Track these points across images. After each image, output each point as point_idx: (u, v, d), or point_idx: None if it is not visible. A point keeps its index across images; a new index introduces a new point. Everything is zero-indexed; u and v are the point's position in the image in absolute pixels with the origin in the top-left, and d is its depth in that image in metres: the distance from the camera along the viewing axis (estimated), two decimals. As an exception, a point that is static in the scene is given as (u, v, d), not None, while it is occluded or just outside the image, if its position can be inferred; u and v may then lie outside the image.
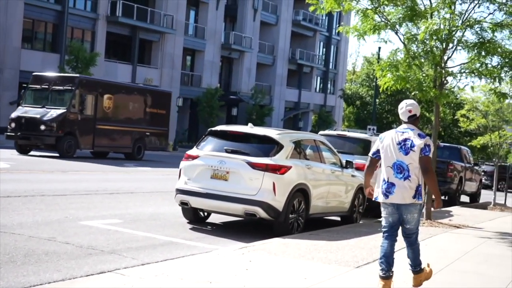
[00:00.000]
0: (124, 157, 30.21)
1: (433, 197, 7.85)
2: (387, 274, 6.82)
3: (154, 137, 31.68)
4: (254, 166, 10.61)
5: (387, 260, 6.88)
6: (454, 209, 19.50)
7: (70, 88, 26.31)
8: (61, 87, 26.54)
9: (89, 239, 9.09)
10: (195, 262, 7.99)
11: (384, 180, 7.01)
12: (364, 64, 61.15)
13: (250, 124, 12.08)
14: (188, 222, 11.75)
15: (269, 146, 11.07)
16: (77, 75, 30.36)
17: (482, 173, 31.99)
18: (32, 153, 26.69)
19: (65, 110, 25.62)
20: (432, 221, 14.05)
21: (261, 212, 10.55)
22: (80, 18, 44.58)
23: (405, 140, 6.95)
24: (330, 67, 76.58)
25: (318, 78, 75.67)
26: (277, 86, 66.75)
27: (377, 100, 48.57)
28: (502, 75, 13.67)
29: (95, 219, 11.02)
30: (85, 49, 41.39)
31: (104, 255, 8.22)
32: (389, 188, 6.93)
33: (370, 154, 7.46)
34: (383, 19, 13.62)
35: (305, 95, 72.20)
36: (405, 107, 7.15)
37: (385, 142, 7.14)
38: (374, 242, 10.62)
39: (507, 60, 13.29)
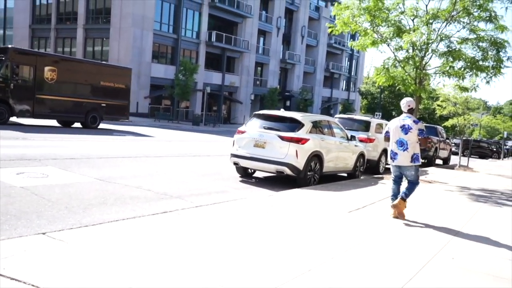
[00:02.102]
0: (81, 126, 22.22)
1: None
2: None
3: (111, 109, 23.07)
4: (283, 138, 9.78)
5: (395, 196, 7.42)
6: (430, 169, 18.11)
7: (1, 58, 18.95)
8: None
9: (166, 187, 8.41)
10: (233, 206, 7.21)
11: (391, 150, 7.46)
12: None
13: (282, 109, 11.24)
14: (240, 176, 11.00)
15: (294, 124, 10.16)
16: (10, 46, 22.20)
17: (453, 144, 30.42)
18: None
19: None
20: (411, 178, 12.84)
21: (287, 170, 9.74)
22: (189, 42, 44.19)
23: (404, 125, 7.26)
24: (352, 74, 74.33)
25: (344, 81, 73.53)
26: (317, 87, 65.21)
27: (382, 96, 46.76)
28: (465, 74, 12.25)
29: (175, 173, 10.39)
30: (191, 62, 41.01)
31: (172, 199, 7.53)
32: (394, 155, 7.38)
33: (384, 133, 7.91)
34: (379, 36, 12.38)
35: (335, 92, 70.47)
36: (406, 103, 7.44)
37: (391, 126, 7.51)
38: (367, 193, 9.64)
39: (468, 64, 11.90)
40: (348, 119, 15.24)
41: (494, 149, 42.55)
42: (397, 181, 7.52)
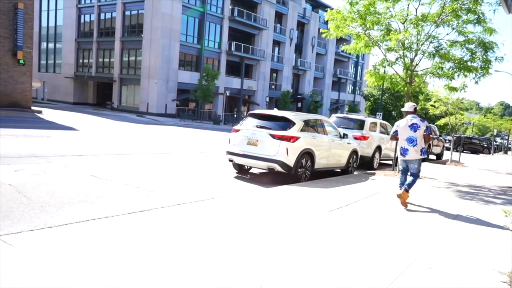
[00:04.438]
0: None
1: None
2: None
3: None
4: (274, 136, 8.75)
5: (403, 183, 7.41)
6: (423, 164, 16.69)
7: None
8: None
9: (156, 184, 7.48)
10: (215, 204, 6.24)
11: (402, 147, 7.38)
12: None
13: (275, 109, 10.18)
14: (236, 173, 10.02)
15: (286, 123, 9.09)
16: None
17: (446, 141, 28.87)
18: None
19: None
20: (402, 173, 11.62)
21: (278, 167, 8.71)
22: (211, 52, 43.30)
23: (413, 124, 7.20)
24: (357, 78, 72.12)
25: (350, 85, 71.38)
26: (326, 90, 63.50)
27: (383, 98, 45.03)
28: (454, 75, 10.93)
29: (173, 169, 9.47)
30: (213, 69, 40.04)
31: (157, 196, 6.57)
32: (405, 151, 7.30)
33: (391, 133, 7.65)
34: (371, 39, 11.17)
35: (342, 95, 68.59)
36: (412, 105, 7.45)
37: (401, 126, 7.37)
38: (354, 190, 8.52)
39: (456, 64, 10.59)
40: (344, 118, 14.05)
41: (485, 145, 40.39)
42: (405, 172, 7.50)
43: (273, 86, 54.13)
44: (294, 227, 5.26)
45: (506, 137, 52.88)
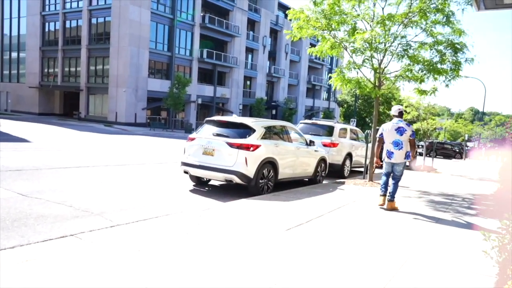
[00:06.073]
0: None
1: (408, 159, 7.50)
2: (384, 193, 7.43)
3: None
4: (231, 145, 7.97)
5: (385, 186, 7.47)
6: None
7: None
8: None
9: (93, 202, 6.51)
10: (155, 224, 5.37)
11: (387, 150, 7.39)
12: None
13: (234, 115, 9.44)
14: (193, 185, 9.14)
15: (245, 130, 8.32)
16: None
17: (419, 146, 28.77)
18: None
19: None
20: (373, 182, 10.98)
21: (236, 179, 7.91)
22: (182, 59, 42.31)
23: (399, 127, 7.26)
24: (331, 85, 72.33)
25: (324, 92, 71.55)
26: (300, 97, 63.33)
27: (357, 104, 44.98)
28: (424, 77, 10.41)
29: (119, 184, 8.53)
30: (185, 77, 39.04)
31: (90, 217, 5.66)
32: (391, 154, 7.34)
33: (377, 136, 7.67)
34: (336, 40, 10.54)
35: (317, 102, 68.59)
36: (398, 109, 7.46)
37: (386, 129, 7.39)
38: (319, 203, 7.76)
39: (426, 66, 10.07)
40: (312, 124, 13.40)
41: (457, 150, 40.77)
42: (387, 175, 7.55)
43: (247, 94, 53.53)
44: (239, 253, 4.46)
45: (477, 141, 53.74)
